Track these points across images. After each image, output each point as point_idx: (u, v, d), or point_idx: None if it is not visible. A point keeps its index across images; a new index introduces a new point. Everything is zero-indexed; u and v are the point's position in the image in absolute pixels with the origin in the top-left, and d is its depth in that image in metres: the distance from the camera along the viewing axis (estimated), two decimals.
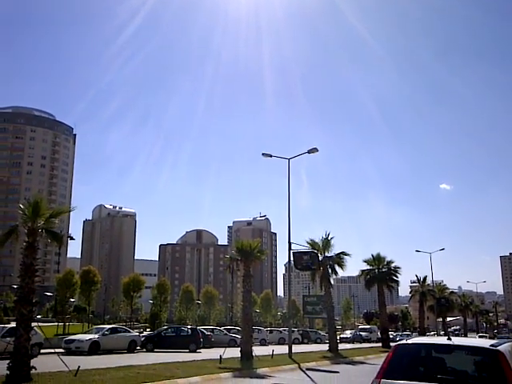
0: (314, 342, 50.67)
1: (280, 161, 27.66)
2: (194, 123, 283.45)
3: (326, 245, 32.14)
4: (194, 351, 28.29)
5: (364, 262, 41.37)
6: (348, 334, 61.29)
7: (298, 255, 26.94)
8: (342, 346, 36.18)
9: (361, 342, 54.64)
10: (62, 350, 23.12)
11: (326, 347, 32.55)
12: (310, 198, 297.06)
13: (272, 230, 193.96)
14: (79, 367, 13.57)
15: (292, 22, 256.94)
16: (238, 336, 30.70)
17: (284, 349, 26.41)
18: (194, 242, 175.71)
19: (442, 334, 59.08)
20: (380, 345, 40.89)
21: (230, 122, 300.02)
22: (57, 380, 12.57)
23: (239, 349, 22.23)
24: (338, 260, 32.72)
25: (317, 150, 26.58)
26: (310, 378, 17.12)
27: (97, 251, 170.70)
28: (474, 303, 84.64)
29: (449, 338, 6.04)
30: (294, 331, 42.12)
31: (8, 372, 12.09)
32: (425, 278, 56.37)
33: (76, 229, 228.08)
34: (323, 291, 33.50)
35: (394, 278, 41.78)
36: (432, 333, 70.68)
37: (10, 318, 48.08)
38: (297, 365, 20.69)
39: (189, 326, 36.66)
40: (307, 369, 19.65)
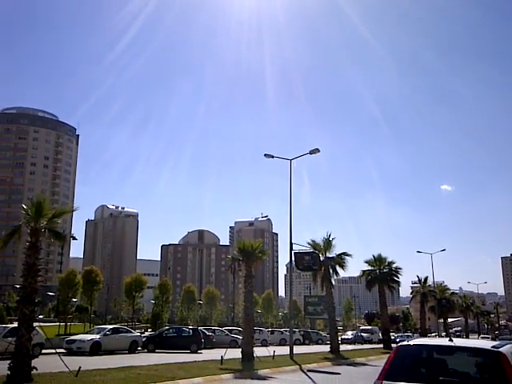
0: (316, 342, 50.63)
1: (282, 161, 27.70)
2: (196, 124, 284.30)
3: (327, 245, 32.12)
4: (196, 352, 28.29)
5: (365, 262, 41.42)
6: (349, 334, 61.23)
7: (300, 256, 26.96)
8: (343, 347, 36.15)
9: (362, 343, 54.59)
10: (63, 351, 23.18)
11: (327, 348, 32.52)
12: (312, 198, 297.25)
13: (273, 231, 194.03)
14: (80, 368, 13.58)
15: (293, 22, 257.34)
16: (240, 337, 30.72)
17: (285, 350, 26.41)
18: (196, 243, 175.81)
19: (444, 335, 59.01)
20: (381, 346, 40.86)
21: (231, 123, 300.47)
22: (58, 380, 12.58)
23: (240, 350, 22.23)
24: (340, 261, 32.69)
25: (318, 150, 26.58)
26: (311, 379, 17.10)
27: (99, 251, 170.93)
28: (475, 304, 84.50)
29: (450, 340, 6.03)
30: (295, 332, 42.10)
31: (9, 372, 12.10)
32: (426, 278, 56.42)
33: (78, 229, 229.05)
34: (324, 292, 33.48)
35: (395, 278, 41.76)
36: (433, 334, 70.50)
37: (12, 317, 48.11)
38: (298, 366, 20.68)
39: (190, 327, 36.67)
40: (308, 370, 19.63)
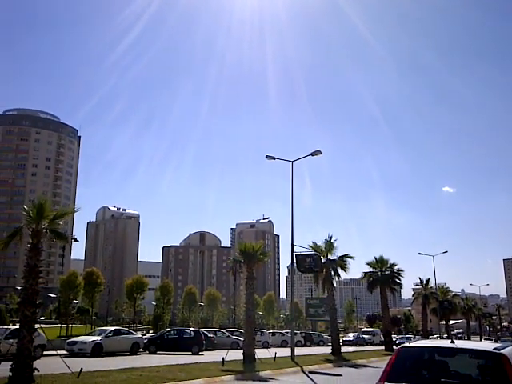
0: (317, 344, 50.51)
1: (283, 163, 27.67)
2: (198, 125, 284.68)
3: (328, 247, 32.04)
4: (197, 353, 28.27)
5: (367, 264, 41.32)
6: (351, 336, 61.13)
7: (301, 257, 26.91)
8: (344, 349, 36.03)
9: (364, 345, 54.46)
10: (64, 352, 23.20)
11: (328, 350, 32.46)
12: (313, 200, 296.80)
13: (275, 233, 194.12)
14: (82, 369, 13.60)
15: (295, 22, 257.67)
16: (241, 338, 30.72)
17: (287, 351, 26.37)
18: (198, 244, 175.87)
19: (445, 337, 58.93)
20: (383, 348, 40.79)
21: (233, 123, 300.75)
22: (59, 382, 12.60)
23: (242, 351, 22.21)
24: (341, 263, 32.64)
25: (320, 152, 26.55)
26: (312, 381, 17.07)
27: (100, 253, 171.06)
28: (476, 306, 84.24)
29: (452, 342, 6.02)
30: (296, 334, 42.08)
31: (11, 374, 12.12)
32: (428, 280, 56.31)
33: (80, 231, 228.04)
34: (326, 294, 33.44)
35: (397, 280, 41.63)
36: (435, 336, 70.38)
37: (13, 319, 48.16)
38: (299, 368, 20.65)
39: (191, 328, 36.61)
40: (310, 372, 19.61)
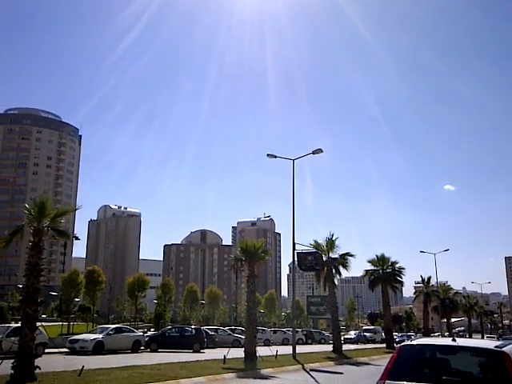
0: (318, 342, 50.55)
1: (284, 161, 27.66)
2: (199, 124, 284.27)
3: (330, 246, 32.08)
4: (198, 351, 28.33)
5: (368, 262, 41.39)
6: (352, 334, 61.14)
7: (303, 256, 26.90)
8: (346, 347, 36.08)
9: (365, 343, 54.50)
10: (66, 350, 23.26)
11: (329, 348, 32.49)
12: (314, 199, 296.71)
13: (276, 231, 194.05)
14: (83, 367, 13.61)
15: (295, 22, 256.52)
16: (242, 336, 30.76)
17: (288, 349, 26.39)
18: (199, 243, 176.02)
19: (447, 334, 58.89)
20: (384, 346, 40.81)
21: (234, 123, 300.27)
22: (61, 380, 12.60)
23: (243, 349, 22.25)
24: (342, 261, 32.65)
25: (321, 150, 26.52)
26: (313, 378, 17.08)
27: (102, 251, 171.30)
28: (478, 304, 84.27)
29: (453, 339, 6.02)
30: (297, 332, 42.07)
31: (13, 371, 12.13)
32: (429, 278, 56.21)
33: (81, 229, 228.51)
34: (327, 292, 33.47)
35: (399, 278, 41.67)
36: (436, 334, 70.36)
37: (15, 317, 48.30)
38: (301, 365, 20.66)
39: (193, 326, 36.64)
40: (311, 369, 19.62)
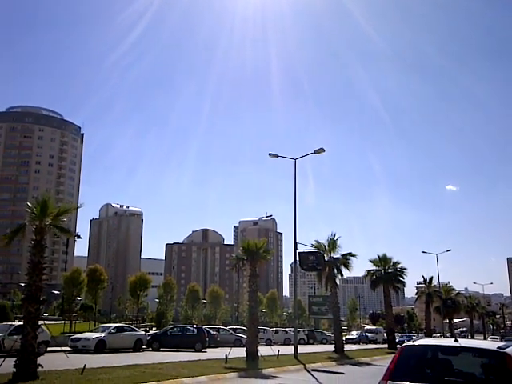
0: (320, 342, 50.56)
1: (286, 161, 27.65)
2: (201, 123, 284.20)
3: (332, 246, 32.05)
4: (200, 351, 28.32)
5: (370, 262, 41.31)
6: (354, 334, 61.13)
7: (304, 255, 26.89)
8: (347, 347, 36.09)
9: (367, 343, 54.52)
10: (68, 349, 23.28)
11: (331, 348, 32.48)
12: (316, 198, 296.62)
13: (278, 230, 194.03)
14: (85, 365, 13.62)
15: (298, 19, 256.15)
16: (244, 336, 30.72)
17: (289, 349, 26.39)
18: (200, 242, 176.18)
19: (449, 335, 58.78)
20: (386, 346, 40.77)
21: (236, 122, 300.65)
22: (63, 378, 12.63)
23: (245, 349, 22.25)
24: (344, 261, 32.63)
25: (323, 150, 26.52)
26: (315, 378, 17.07)
27: (104, 250, 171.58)
28: (480, 305, 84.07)
29: (455, 340, 6.00)
30: (299, 331, 42.07)
31: (15, 370, 12.15)
32: (431, 278, 56.12)
33: (83, 228, 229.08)
34: (329, 292, 33.44)
35: (400, 278, 41.59)
36: (438, 334, 70.28)
37: (18, 315, 48.39)
38: (302, 365, 20.66)
39: (195, 326, 36.68)
40: (313, 369, 19.60)
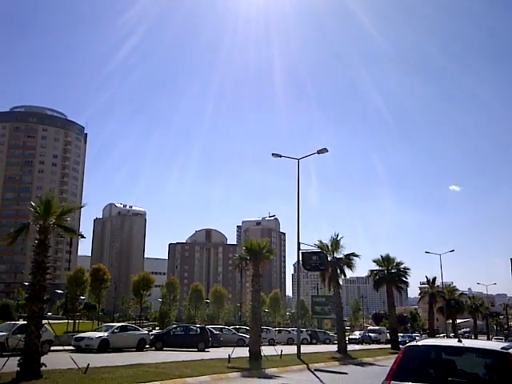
0: (323, 342, 50.54)
1: (289, 161, 27.63)
2: (204, 123, 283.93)
3: (335, 246, 32.04)
4: (203, 350, 28.36)
5: (373, 262, 41.30)
6: (357, 334, 61.11)
7: (307, 255, 26.89)
8: (350, 347, 36.04)
9: (370, 343, 54.46)
10: (71, 348, 23.35)
11: (334, 348, 32.45)
12: (319, 198, 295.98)
13: (281, 230, 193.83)
14: (89, 365, 13.67)
15: (301, 20, 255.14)
16: (247, 335, 30.77)
17: (292, 349, 26.39)
18: (204, 242, 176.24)
19: (452, 336, 58.67)
20: (389, 346, 40.72)
21: (239, 122, 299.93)
22: (67, 377, 12.66)
23: (248, 348, 22.26)
24: (347, 261, 32.60)
25: (326, 150, 26.47)
26: (318, 378, 17.07)
27: (107, 249, 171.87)
28: (484, 305, 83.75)
29: (459, 340, 5.99)
30: (302, 331, 42.09)
31: (19, 369, 12.20)
32: (434, 279, 56.05)
33: (86, 227, 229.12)
34: (332, 292, 33.42)
35: (404, 279, 41.51)
36: (441, 335, 70.13)
37: (21, 314, 48.60)
38: (305, 365, 20.66)
39: (198, 325, 36.70)
40: (316, 369, 19.60)
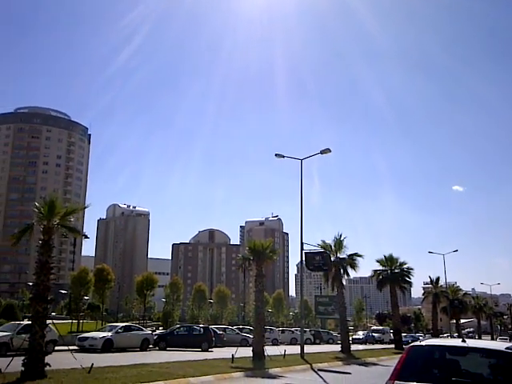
0: (326, 342, 50.48)
1: (292, 161, 27.63)
2: (207, 123, 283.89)
3: (338, 246, 32.02)
4: (207, 350, 28.38)
5: (377, 262, 41.22)
6: (360, 334, 60.98)
7: (310, 256, 26.88)
8: (354, 347, 36.01)
9: (373, 343, 54.37)
10: (75, 348, 23.41)
11: (338, 348, 32.43)
12: (322, 198, 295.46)
13: (284, 230, 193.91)
14: (93, 364, 13.70)
15: (303, 19, 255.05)
16: (250, 335, 30.74)
17: (296, 349, 26.37)
18: (207, 242, 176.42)
19: (456, 336, 58.49)
20: (393, 346, 40.64)
21: (241, 122, 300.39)
22: (71, 377, 12.70)
23: (251, 348, 22.28)
24: (351, 261, 32.58)
25: (329, 150, 26.47)
26: (322, 378, 17.06)
27: (111, 250, 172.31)
28: (487, 305, 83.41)
29: (463, 340, 5.96)
30: (305, 331, 42.02)
31: (23, 368, 12.24)
32: (438, 279, 55.86)
33: (90, 228, 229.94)
34: (335, 292, 33.40)
35: (407, 279, 41.43)
36: (445, 335, 69.92)
37: (26, 314, 48.72)
38: (309, 365, 20.65)
39: (201, 325, 36.73)
40: (319, 369, 19.59)
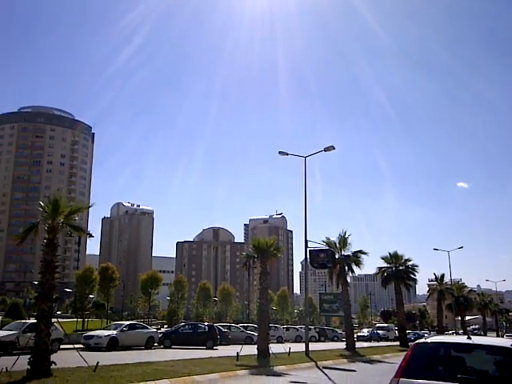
0: (331, 340, 50.50)
1: (295, 159, 27.67)
2: (210, 122, 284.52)
3: (342, 243, 32.00)
4: (211, 348, 28.43)
5: (381, 259, 41.23)
6: (365, 332, 60.97)
7: (315, 253, 26.87)
8: (359, 345, 35.96)
9: (378, 341, 54.33)
10: (81, 346, 23.48)
11: (343, 345, 32.42)
12: (325, 196, 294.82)
13: (288, 228, 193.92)
14: (98, 363, 13.73)
15: (305, 18, 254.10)
16: (255, 333, 30.81)
17: (301, 347, 26.38)
18: (211, 240, 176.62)
19: (461, 333, 58.35)
20: (398, 343, 40.58)
21: (245, 120, 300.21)
22: (76, 375, 12.73)
23: (256, 346, 22.30)
24: (355, 259, 32.56)
25: (333, 147, 26.41)
26: (327, 376, 17.06)
27: (115, 248, 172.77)
28: (493, 302, 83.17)
29: (468, 337, 5.94)
30: (310, 329, 42.00)
31: (29, 367, 12.28)
32: (443, 276, 55.70)
33: (94, 226, 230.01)
34: (340, 289, 33.38)
35: (412, 276, 41.36)
36: (450, 332, 69.79)
37: (31, 313, 48.92)
38: (314, 363, 20.65)
39: (206, 323, 36.81)
40: (324, 367, 19.59)
